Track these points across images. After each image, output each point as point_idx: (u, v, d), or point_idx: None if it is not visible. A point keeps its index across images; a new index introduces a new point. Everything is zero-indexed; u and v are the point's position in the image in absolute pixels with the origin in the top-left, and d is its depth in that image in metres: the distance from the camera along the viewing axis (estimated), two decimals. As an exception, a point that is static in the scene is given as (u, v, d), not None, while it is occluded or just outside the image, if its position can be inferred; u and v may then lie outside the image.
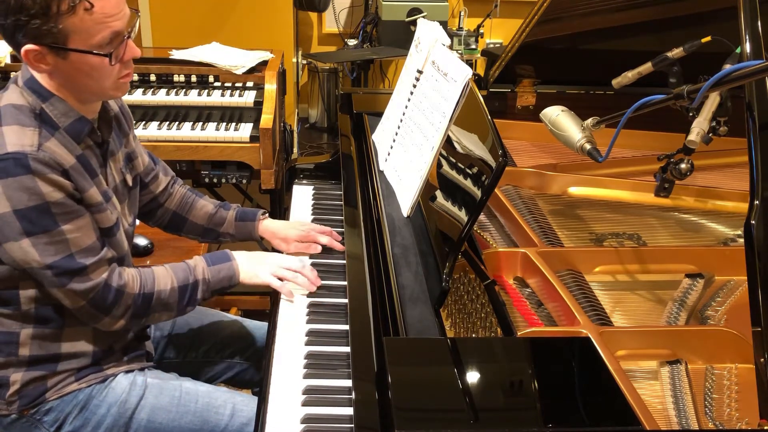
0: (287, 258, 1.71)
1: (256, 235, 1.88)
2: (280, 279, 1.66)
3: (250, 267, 1.66)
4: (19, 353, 1.51)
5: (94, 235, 1.47)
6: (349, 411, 1.30)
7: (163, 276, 1.57)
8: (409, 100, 1.87)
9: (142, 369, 1.64)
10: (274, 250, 1.87)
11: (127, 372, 1.61)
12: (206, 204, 1.88)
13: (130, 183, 1.67)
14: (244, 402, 1.63)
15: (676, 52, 1.75)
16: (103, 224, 1.50)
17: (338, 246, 1.82)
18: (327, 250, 1.83)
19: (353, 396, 1.28)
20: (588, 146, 1.50)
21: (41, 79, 1.43)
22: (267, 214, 1.90)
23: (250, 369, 1.86)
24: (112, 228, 1.53)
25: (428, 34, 1.86)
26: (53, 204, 1.38)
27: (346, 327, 1.52)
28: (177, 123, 2.70)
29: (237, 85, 2.83)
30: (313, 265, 1.77)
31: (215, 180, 2.78)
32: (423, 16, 4.10)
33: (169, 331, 1.85)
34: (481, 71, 3.73)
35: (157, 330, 1.83)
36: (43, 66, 1.40)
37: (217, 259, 1.64)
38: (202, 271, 1.61)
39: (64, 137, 1.43)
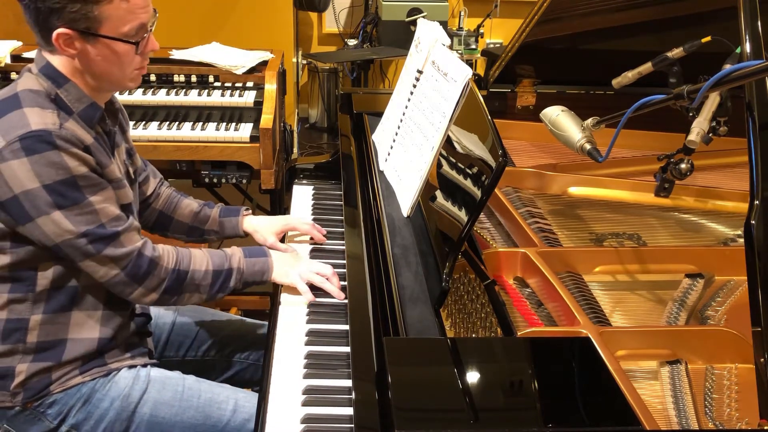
0: (319, 264, 1.70)
1: (240, 231, 1.90)
2: (309, 283, 1.66)
3: (282, 266, 1.67)
4: (27, 340, 1.52)
5: (118, 206, 1.52)
6: (349, 411, 1.30)
7: (200, 257, 1.60)
8: (409, 100, 1.87)
9: (144, 365, 1.65)
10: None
11: (131, 367, 1.62)
12: (191, 203, 1.90)
13: (132, 176, 1.69)
14: (246, 398, 1.63)
15: (676, 52, 1.75)
16: (122, 200, 1.55)
17: (319, 237, 1.85)
18: (327, 252, 1.83)
19: (353, 396, 1.28)
20: (588, 146, 1.50)
21: (59, 64, 1.48)
22: (250, 210, 1.92)
23: (250, 368, 1.87)
24: (130, 205, 1.58)
25: (428, 34, 1.86)
26: (80, 177, 1.43)
27: (346, 327, 1.52)
28: (177, 123, 2.70)
29: (237, 85, 2.83)
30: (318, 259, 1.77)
31: (215, 180, 2.78)
32: (423, 16, 4.10)
33: (169, 329, 1.85)
34: (481, 71, 3.73)
35: (157, 328, 1.84)
36: (71, 50, 1.45)
37: (253, 252, 1.67)
38: (239, 260, 1.64)
39: (78, 121, 1.48)
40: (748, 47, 1.32)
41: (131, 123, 2.64)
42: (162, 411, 1.59)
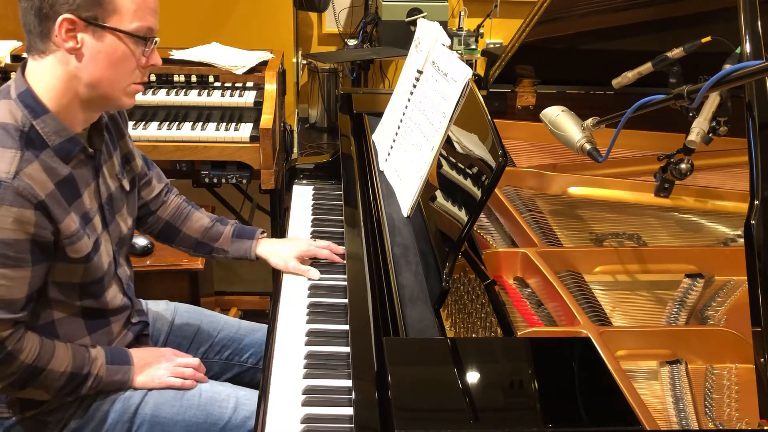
0: (182, 356, 1.65)
1: (252, 255, 1.82)
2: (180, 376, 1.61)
3: (146, 373, 1.59)
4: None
5: (25, 292, 1.39)
6: (349, 411, 1.30)
7: (61, 356, 1.48)
8: (409, 100, 1.87)
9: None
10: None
11: (128, 370, 1.61)
12: (202, 217, 1.85)
13: (127, 187, 1.65)
14: (246, 396, 1.63)
15: (676, 52, 1.75)
16: (76, 254, 1.45)
17: (337, 259, 1.79)
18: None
19: (353, 396, 1.28)
20: (588, 146, 1.50)
21: (42, 87, 1.40)
22: (266, 233, 1.87)
23: (249, 371, 1.86)
24: (88, 254, 1.48)
25: (428, 34, 1.86)
26: (1, 242, 1.33)
27: (346, 327, 1.52)
28: (177, 123, 2.70)
29: (237, 85, 2.83)
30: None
31: (215, 180, 2.78)
32: (423, 16, 4.10)
33: (167, 331, 1.84)
34: (481, 71, 3.73)
35: (155, 330, 1.83)
36: (71, 43, 1.37)
37: (116, 359, 1.57)
38: (100, 366, 1.54)
39: (50, 158, 1.40)
40: (748, 47, 1.32)
41: (131, 123, 2.64)
42: (163, 411, 1.58)
